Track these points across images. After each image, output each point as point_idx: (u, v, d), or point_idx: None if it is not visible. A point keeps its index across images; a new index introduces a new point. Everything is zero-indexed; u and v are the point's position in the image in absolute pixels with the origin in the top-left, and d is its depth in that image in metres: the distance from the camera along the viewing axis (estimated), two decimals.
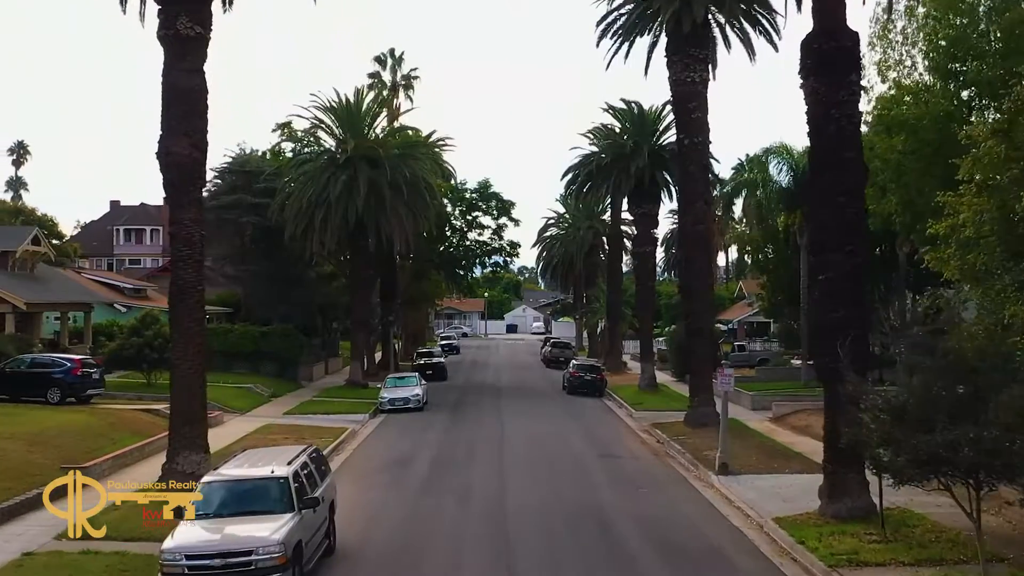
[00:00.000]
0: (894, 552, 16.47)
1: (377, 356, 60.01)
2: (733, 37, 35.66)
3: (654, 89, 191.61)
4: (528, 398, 45.77)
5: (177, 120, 20.38)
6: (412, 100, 68.91)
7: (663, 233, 78.05)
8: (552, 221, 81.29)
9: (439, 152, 55.69)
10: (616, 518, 20.00)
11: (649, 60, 36.74)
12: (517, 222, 65.51)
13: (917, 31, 35.06)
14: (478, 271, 74.95)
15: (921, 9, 34.66)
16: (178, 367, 20.58)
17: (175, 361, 20.69)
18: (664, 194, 50.33)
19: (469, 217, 62.97)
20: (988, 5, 32.50)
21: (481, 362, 74.50)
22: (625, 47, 37.20)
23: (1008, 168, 18.86)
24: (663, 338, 64.47)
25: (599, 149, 51.66)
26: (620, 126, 51.10)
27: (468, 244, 63.77)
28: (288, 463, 15.74)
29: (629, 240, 69.01)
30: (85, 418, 28.48)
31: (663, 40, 35.28)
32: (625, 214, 62.94)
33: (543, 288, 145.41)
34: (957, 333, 14.50)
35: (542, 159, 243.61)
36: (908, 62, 35.90)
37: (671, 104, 34.21)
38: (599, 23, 37.70)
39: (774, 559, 17.09)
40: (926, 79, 34.32)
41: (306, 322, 53.53)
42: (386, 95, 61.45)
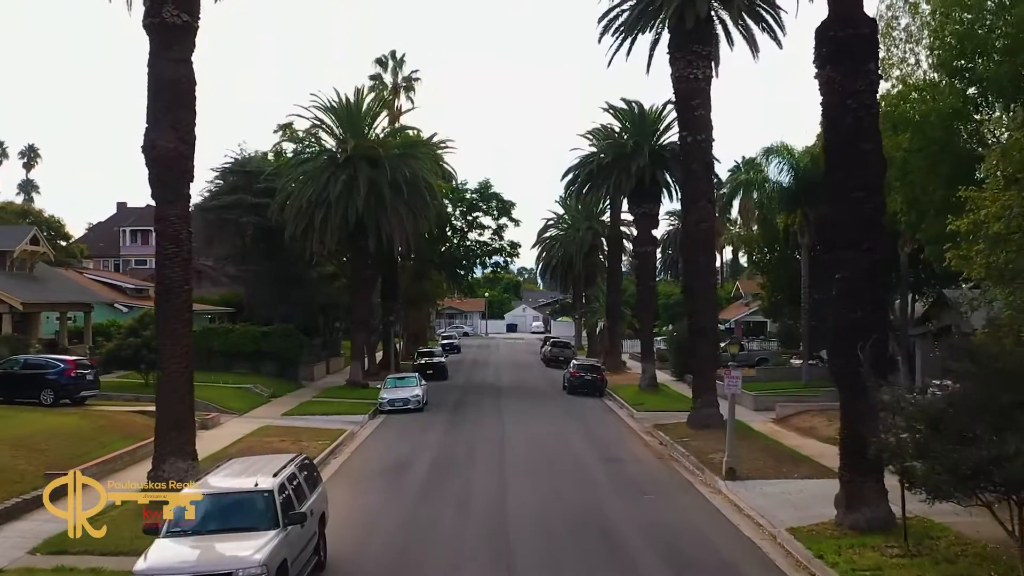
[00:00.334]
0: (920, 568, 14.95)
1: (378, 356, 58.57)
2: (736, 34, 34.24)
3: (655, 89, 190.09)
4: (528, 398, 44.27)
5: (163, 112, 18.90)
6: (413, 102, 67.32)
7: (660, 234, 76.37)
8: (552, 222, 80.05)
9: (440, 154, 54.38)
10: (622, 528, 18.52)
11: (651, 58, 35.39)
12: (517, 222, 64.09)
13: (921, 28, 33.63)
14: (479, 271, 73.52)
15: (926, 6, 33.25)
16: (164, 370, 19.09)
17: (161, 364, 19.21)
18: (664, 194, 48.78)
19: (469, 217, 61.45)
20: (996, 0, 31.05)
21: (482, 361, 73.05)
22: (627, 44, 35.78)
23: None
24: (661, 337, 62.97)
25: (599, 149, 50.19)
26: (620, 126, 49.63)
27: (468, 244, 62.23)
28: (274, 474, 14.24)
29: (628, 241, 67.84)
30: (76, 421, 27.00)
31: (665, 37, 33.83)
32: (625, 215, 61.95)
33: (542, 288, 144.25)
34: (993, 335, 12.96)
35: (543, 160, 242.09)
36: (912, 60, 34.48)
37: (674, 101, 32.72)
38: (601, 19, 36.34)
39: (791, 574, 15.62)
40: (931, 76, 32.88)
41: (308, 322, 52.28)
42: (387, 97, 59.79)
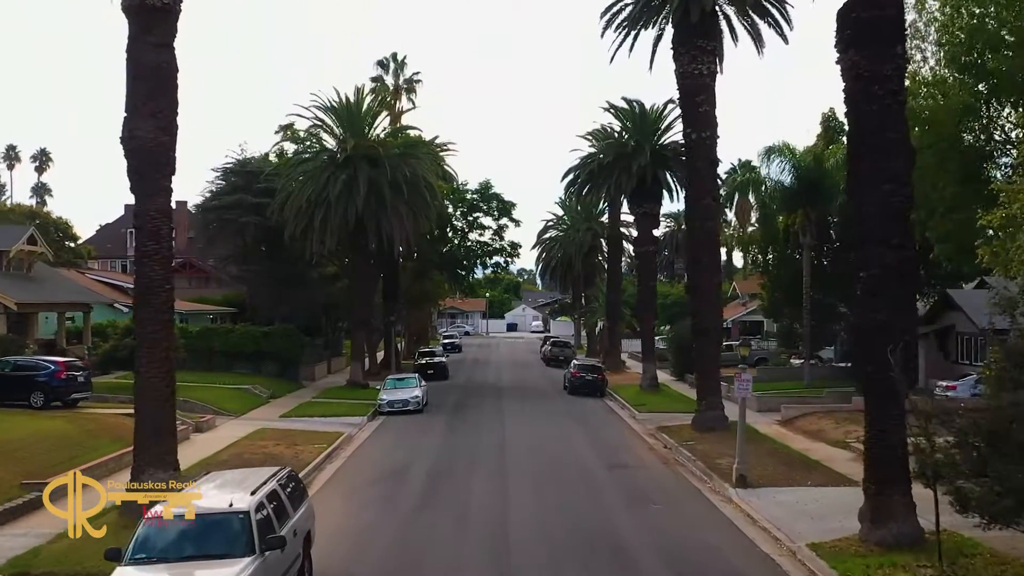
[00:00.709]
0: None
1: (380, 355, 56.74)
2: (741, 29, 32.43)
3: (656, 90, 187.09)
4: (529, 399, 42.40)
5: (142, 100, 17.07)
6: (414, 104, 65.62)
7: (658, 235, 74.45)
8: (551, 223, 78.30)
9: (442, 156, 52.66)
10: (631, 544, 16.68)
11: (654, 54, 33.52)
12: (518, 223, 62.05)
13: (929, 24, 31.93)
14: (480, 272, 71.68)
15: (933, 2, 31.52)
16: (143, 375, 17.23)
17: (139, 369, 17.36)
18: (665, 194, 46.89)
19: (470, 218, 59.49)
20: None
21: (483, 360, 71.19)
22: (630, 40, 33.90)
23: None
24: (660, 337, 61.15)
25: (600, 149, 48.25)
26: (621, 126, 47.71)
27: (469, 245, 60.30)
28: (252, 491, 12.40)
29: (628, 242, 66.11)
30: (62, 425, 25.19)
31: (668, 33, 32.04)
32: (625, 216, 60.30)
33: (541, 289, 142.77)
34: None
35: (543, 162, 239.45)
36: (919, 56, 32.76)
37: (678, 98, 30.88)
38: (603, 14, 34.44)
39: None
40: (939, 72, 31.13)
41: (310, 322, 50.57)
42: (388, 98, 57.92)
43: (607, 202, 55.69)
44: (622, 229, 62.53)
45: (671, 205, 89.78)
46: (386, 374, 47.55)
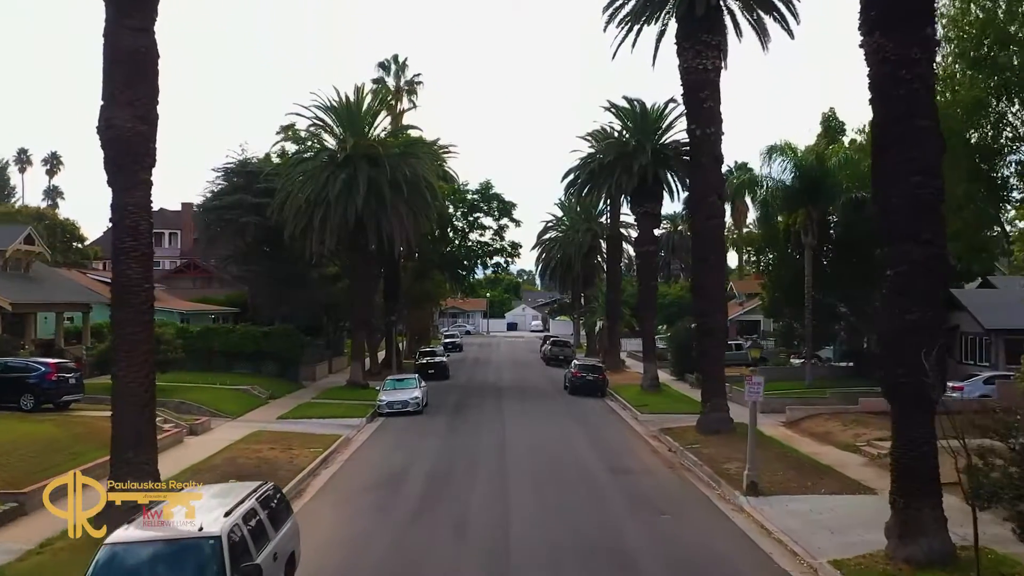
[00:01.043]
0: None
1: (381, 355, 55.13)
2: (745, 24, 30.81)
3: (657, 90, 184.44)
4: (530, 399, 40.76)
5: (120, 87, 15.48)
6: (416, 105, 64.13)
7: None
8: (551, 224, 76.80)
9: (444, 157, 51.25)
10: (639, 557, 15.14)
11: (657, 49, 31.94)
12: (518, 223, 60.40)
13: (938, 18, 30.34)
14: (480, 273, 70.07)
15: None
16: (121, 379, 15.61)
17: (117, 372, 15.74)
18: (666, 194, 45.20)
19: (471, 218, 57.82)
20: None
21: (483, 360, 69.54)
22: (632, 36, 32.30)
23: None
24: (658, 337, 59.55)
25: (600, 149, 46.51)
26: (622, 125, 45.92)
27: (470, 245, 58.64)
28: (227, 512, 10.81)
29: (627, 242, 64.61)
30: (50, 429, 23.54)
31: (672, 29, 30.46)
32: (624, 217, 58.85)
33: (540, 289, 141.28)
34: None
35: (544, 163, 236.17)
36: None
37: (682, 94, 29.19)
38: (606, 8, 32.78)
39: None
40: (950, 67, 29.57)
41: (311, 322, 48.97)
42: (389, 100, 56.28)
43: (607, 202, 54.06)
44: (621, 230, 60.98)
45: (668, 207, 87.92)
46: (387, 374, 46.04)
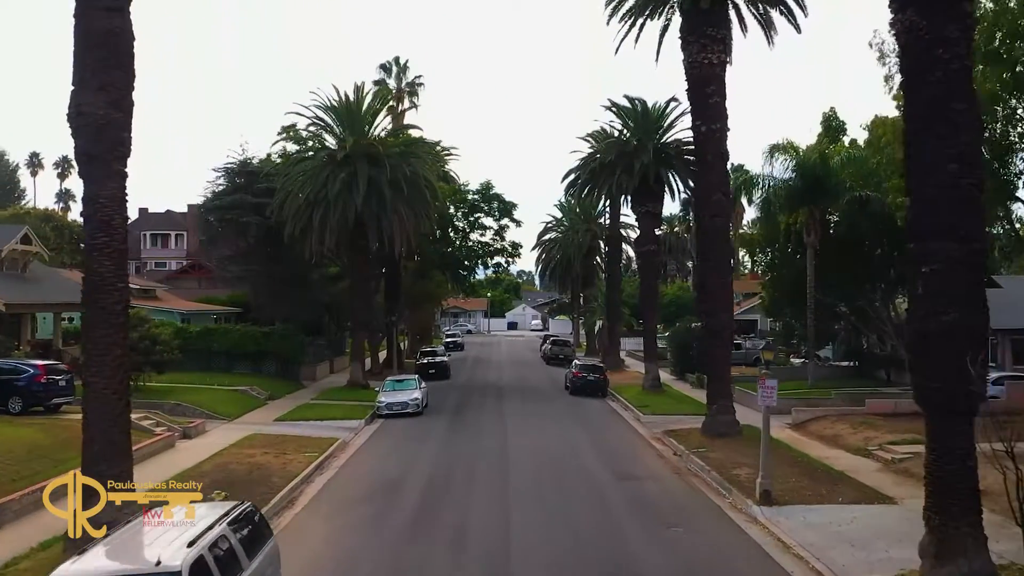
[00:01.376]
0: None
1: (383, 354, 53.48)
2: (750, 18, 29.15)
3: (658, 91, 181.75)
4: (531, 400, 39.07)
5: (92, 71, 13.84)
6: (417, 107, 62.55)
7: None
8: (551, 225, 75.25)
9: (446, 159, 49.63)
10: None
11: (660, 44, 30.30)
12: (519, 223, 58.73)
13: None
14: (481, 273, 68.47)
15: None
16: (92, 386, 13.94)
17: (88, 379, 14.08)
18: (667, 194, 43.50)
19: (471, 218, 56.17)
20: None
21: (484, 359, 67.86)
22: (635, 31, 30.66)
23: None
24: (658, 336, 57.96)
25: (601, 149, 44.81)
26: (623, 124, 44.11)
27: (470, 245, 57.01)
28: (190, 542, 9.14)
29: (627, 243, 63.04)
30: (34, 434, 21.90)
31: (675, 24, 28.85)
32: (624, 218, 57.28)
33: (539, 289, 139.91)
34: None
35: (544, 165, 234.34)
36: None
37: (686, 89, 27.48)
38: (608, 2, 31.05)
39: None
40: None
41: (313, 322, 47.32)
42: (390, 101, 54.62)
43: (607, 203, 52.38)
44: (621, 230, 59.33)
45: (666, 207, 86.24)
46: (388, 373, 44.50)
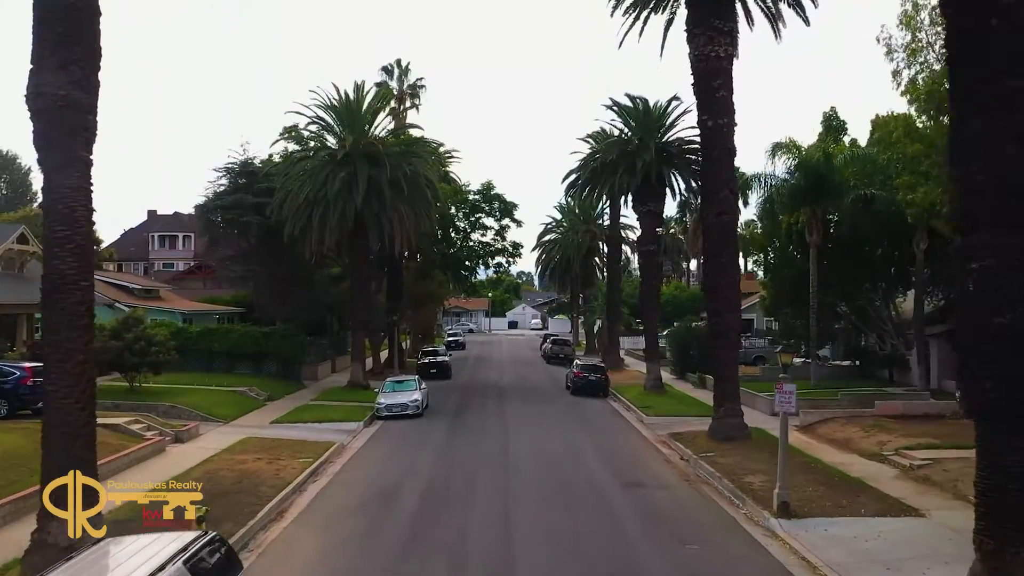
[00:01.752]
0: None
1: (384, 354, 51.71)
2: (756, 11, 27.41)
3: (658, 91, 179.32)
4: (532, 401, 37.32)
5: (51, 48, 12.09)
6: (419, 109, 60.79)
7: None
8: (551, 226, 73.64)
9: (447, 162, 47.93)
10: None
11: (665, 39, 28.63)
12: (519, 223, 57.12)
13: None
14: (482, 273, 66.75)
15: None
16: (52, 395, 12.19)
17: (47, 387, 12.35)
18: (668, 194, 41.69)
19: (472, 218, 54.38)
20: None
21: (485, 357, 66.13)
22: (640, 24, 28.88)
23: None
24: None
25: (602, 148, 42.99)
26: (624, 123, 42.22)
27: (471, 245, 55.25)
28: None
29: (626, 243, 61.34)
30: (15, 439, 20.09)
31: (680, 17, 27.08)
32: (624, 218, 55.63)
33: (539, 289, 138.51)
34: None
35: (545, 167, 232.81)
36: (938, 45, 27.84)
37: (692, 83, 25.61)
38: None
39: None
40: None
41: (315, 322, 45.56)
42: (391, 102, 52.80)
43: (607, 203, 50.62)
44: (621, 230, 57.57)
45: (665, 208, 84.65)
46: (390, 373, 42.77)
